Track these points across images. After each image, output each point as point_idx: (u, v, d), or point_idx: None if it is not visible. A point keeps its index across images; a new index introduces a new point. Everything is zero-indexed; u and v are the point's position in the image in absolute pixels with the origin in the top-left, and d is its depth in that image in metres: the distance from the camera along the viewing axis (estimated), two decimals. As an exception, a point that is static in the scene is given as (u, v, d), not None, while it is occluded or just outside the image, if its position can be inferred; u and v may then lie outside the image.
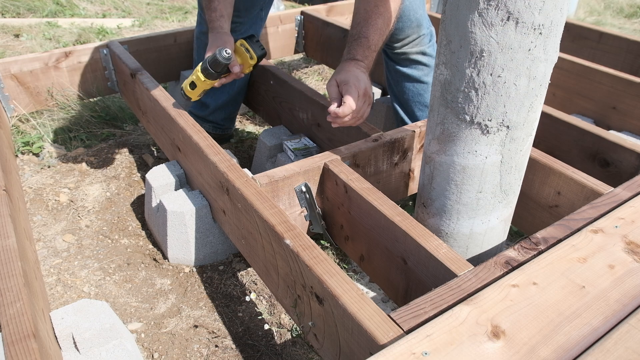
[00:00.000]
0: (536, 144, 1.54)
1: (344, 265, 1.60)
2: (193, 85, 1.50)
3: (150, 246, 1.69)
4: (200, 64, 1.46)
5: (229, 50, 1.41)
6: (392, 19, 1.36)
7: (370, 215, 1.18)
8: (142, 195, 1.92)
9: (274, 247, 1.12)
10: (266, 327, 1.26)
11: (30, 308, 0.96)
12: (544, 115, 1.59)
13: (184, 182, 1.68)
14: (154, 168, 1.69)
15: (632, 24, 4.37)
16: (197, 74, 1.46)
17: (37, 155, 2.16)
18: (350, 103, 1.26)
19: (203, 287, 1.53)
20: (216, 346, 1.34)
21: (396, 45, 1.72)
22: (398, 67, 1.79)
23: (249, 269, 1.60)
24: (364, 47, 1.34)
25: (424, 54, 1.76)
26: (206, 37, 1.91)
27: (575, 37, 2.52)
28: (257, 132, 2.40)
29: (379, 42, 1.36)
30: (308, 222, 1.38)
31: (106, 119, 2.39)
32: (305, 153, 1.73)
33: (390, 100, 1.97)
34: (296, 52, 2.75)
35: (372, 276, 1.28)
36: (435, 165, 1.11)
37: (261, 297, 1.49)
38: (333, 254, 1.64)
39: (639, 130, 1.91)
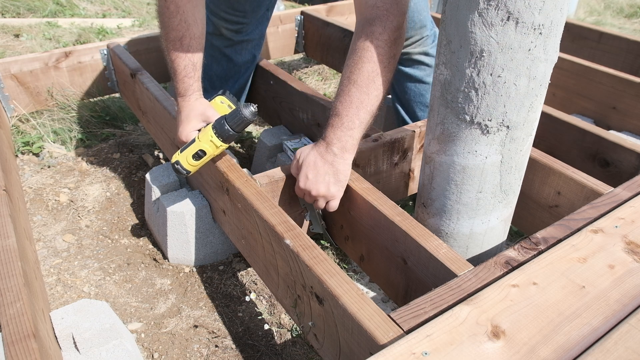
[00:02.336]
0: (536, 144, 1.54)
1: (344, 265, 1.60)
2: (202, 153, 1.23)
3: (150, 246, 1.69)
4: (209, 128, 1.22)
5: (255, 105, 1.22)
6: (376, 90, 1.13)
7: (370, 215, 1.18)
8: (142, 195, 1.92)
9: (274, 247, 1.12)
10: (266, 327, 1.26)
11: (30, 308, 0.96)
12: (544, 115, 1.59)
13: (184, 182, 1.69)
14: (154, 168, 1.69)
15: (632, 24, 4.37)
16: (211, 139, 1.21)
17: (37, 155, 2.16)
18: (296, 190, 1.21)
19: (203, 287, 1.53)
20: (216, 346, 1.34)
21: None
22: (400, 67, 1.78)
23: (249, 269, 1.60)
24: (336, 127, 1.14)
25: (426, 54, 1.75)
26: (212, 38, 1.91)
27: (575, 37, 2.52)
28: (257, 132, 2.40)
29: (359, 119, 1.13)
30: (308, 222, 1.38)
31: (106, 119, 2.39)
32: (305, 153, 1.72)
33: (390, 101, 1.97)
34: (296, 52, 2.75)
35: (372, 276, 1.28)
36: (435, 165, 1.11)
37: (261, 297, 1.49)
38: (333, 254, 1.64)
39: (639, 130, 1.91)
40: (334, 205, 1.21)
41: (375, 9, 1.12)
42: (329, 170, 1.16)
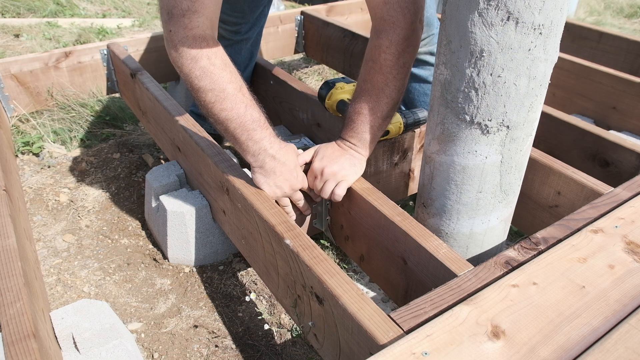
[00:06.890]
0: (536, 144, 1.54)
1: (344, 265, 1.60)
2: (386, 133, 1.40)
3: (150, 246, 1.69)
4: (402, 117, 1.40)
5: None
6: (386, 97, 1.20)
7: (370, 215, 1.18)
8: (142, 195, 1.92)
9: (274, 247, 1.12)
10: (266, 327, 1.26)
11: (30, 308, 0.96)
12: (544, 115, 1.59)
13: (184, 182, 1.68)
14: (154, 168, 1.69)
15: (632, 24, 4.37)
16: (400, 126, 1.40)
17: (37, 155, 2.16)
18: (308, 175, 1.25)
19: (203, 287, 1.53)
20: (216, 346, 1.34)
21: None
22: None
23: (249, 269, 1.60)
24: (349, 129, 1.24)
25: (432, 54, 1.74)
26: None
27: (575, 37, 2.52)
28: (257, 132, 2.40)
29: (369, 124, 1.21)
30: (309, 217, 1.37)
31: (106, 119, 2.39)
32: (305, 153, 1.72)
33: None
34: (296, 52, 2.75)
35: (372, 276, 1.28)
36: (435, 165, 1.11)
37: (261, 297, 1.49)
38: (333, 254, 1.64)
39: (639, 130, 1.91)
40: (343, 188, 1.22)
41: (383, 21, 1.15)
42: (345, 154, 1.24)
